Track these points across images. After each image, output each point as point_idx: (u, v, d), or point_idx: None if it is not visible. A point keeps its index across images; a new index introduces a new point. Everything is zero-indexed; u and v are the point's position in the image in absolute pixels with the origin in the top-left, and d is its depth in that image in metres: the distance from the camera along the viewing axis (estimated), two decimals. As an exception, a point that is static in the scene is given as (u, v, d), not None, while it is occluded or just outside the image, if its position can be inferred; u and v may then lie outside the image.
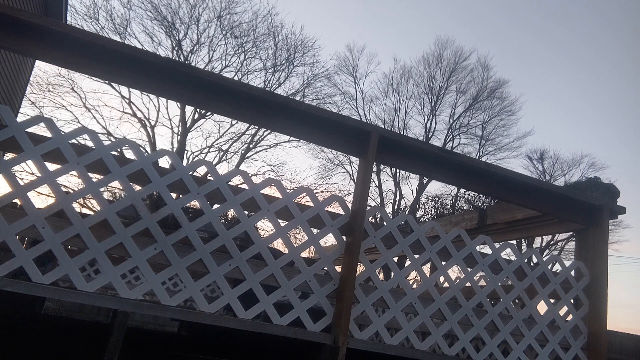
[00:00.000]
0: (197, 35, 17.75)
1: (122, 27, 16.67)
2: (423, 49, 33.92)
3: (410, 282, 4.14)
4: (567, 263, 2.84)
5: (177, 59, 17.07)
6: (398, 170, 21.70)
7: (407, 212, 21.42)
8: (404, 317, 2.42)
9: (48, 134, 2.05)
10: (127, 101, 16.87)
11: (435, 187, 23.60)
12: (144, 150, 15.38)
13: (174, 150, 16.85)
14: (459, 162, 2.71)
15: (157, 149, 4.04)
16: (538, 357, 2.58)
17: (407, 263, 2.63)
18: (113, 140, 12.27)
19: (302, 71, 24.59)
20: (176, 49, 17.60)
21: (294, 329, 2.16)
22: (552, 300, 2.75)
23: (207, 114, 17.45)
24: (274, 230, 2.31)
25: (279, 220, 2.34)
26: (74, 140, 2.17)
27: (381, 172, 22.36)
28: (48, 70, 15.90)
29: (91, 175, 2.09)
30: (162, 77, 2.23)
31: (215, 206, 2.34)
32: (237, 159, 18.57)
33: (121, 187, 2.14)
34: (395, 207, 22.31)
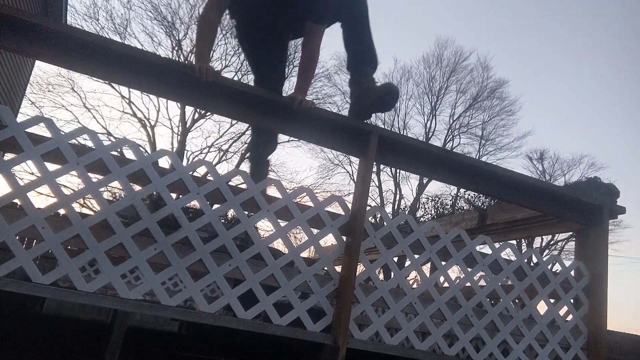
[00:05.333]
0: (197, 35, 17.72)
1: (122, 27, 16.70)
2: (423, 49, 33.98)
3: (410, 282, 4.14)
4: (567, 263, 2.84)
5: (177, 59, 17.06)
6: (398, 170, 21.71)
7: (407, 212, 21.41)
8: (404, 317, 2.42)
9: (48, 134, 2.05)
10: (127, 101, 16.89)
11: (435, 187, 23.63)
12: (143, 150, 15.39)
13: (174, 150, 16.84)
14: (459, 162, 2.71)
15: (157, 149, 4.05)
16: (538, 357, 2.58)
17: (407, 263, 2.63)
18: (113, 140, 12.26)
19: (302, 71, 24.51)
20: (176, 49, 17.61)
21: (294, 329, 2.16)
22: (552, 300, 2.75)
23: (207, 114, 17.45)
24: (274, 230, 2.31)
25: (279, 221, 2.34)
26: (74, 140, 2.17)
27: (381, 172, 22.37)
28: (48, 70, 15.94)
29: (91, 175, 2.09)
30: (162, 77, 2.23)
31: (215, 206, 2.34)
32: (237, 159, 18.58)
33: (121, 187, 2.14)
34: (395, 207, 22.32)
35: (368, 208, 2.43)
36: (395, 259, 2.60)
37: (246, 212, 2.31)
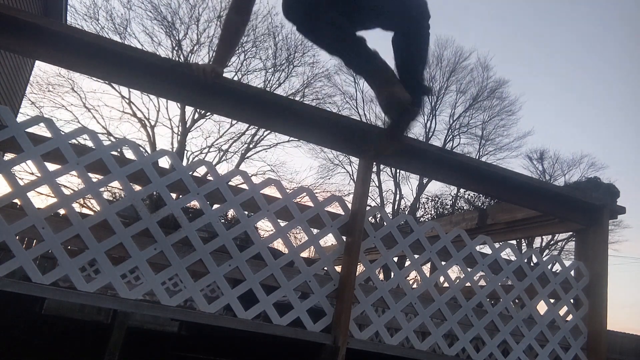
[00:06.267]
0: (197, 35, 17.76)
1: (122, 27, 16.69)
2: (423, 49, 33.84)
3: (410, 282, 4.14)
4: (567, 263, 2.84)
5: (177, 59, 17.06)
6: (398, 170, 21.70)
7: (407, 212, 21.41)
8: (404, 317, 2.42)
9: (48, 134, 2.05)
10: (127, 101, 16.89)
11: (435, 187, 23.61)
12: (144, 150, 15.39)
13: (174, 150, 16.84)
14: (459, 162, 2.71)
15: (157, 149, 4.05)
16: (538, 357, 2.58)
17: (407, 263, 2.63)
18: (113, 140, 12.26)
19: (302, 71, 24.60)
20: (176, 49, 17.60)
21: (293, 329, 2.16)
22: (552, 300, 2.75)
23: (207, 114, 17.45)
24: (274, 230, 2.31)
25: (278, 221, 2.34)
26: (74, 140, 2.17)
27: (381, 172, 22.36)
28: (48, 70, 15.92)
29: (91, 175, 2.09)
30: (162, 77, 2.23)
31: (215, 206, 2.34)
32: (237, 159, 18.58)
33: (121, 187, 2.14)
34: (395, 207, 22.31)
35: (368, 208, 2.43)
36: (395, 259, 2.60)
37: (246, 212, 2.31)
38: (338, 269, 2.37)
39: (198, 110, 17.06)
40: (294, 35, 20.13)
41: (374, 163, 2.49)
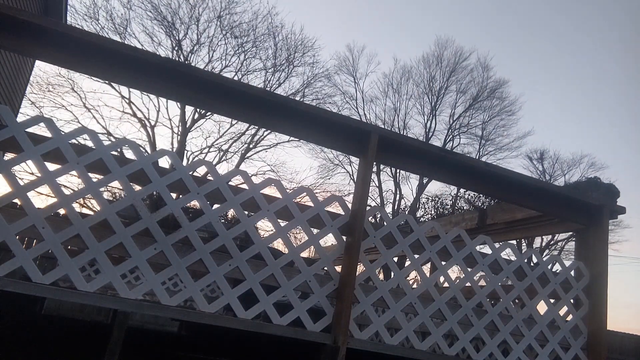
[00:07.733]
0: (197, 35, 17.76)
1: (122, 27, 16.69)
2: (423, 49, 33.87)
3: (410, 282, 4.14)
4: (567, 263, 2.84)
5: (177, 59, 17.05)
6: (398, 170, 21.69)
7: (407, 212, 21.41)
8: (404, 317, 2.42)
9: (48, 134, 2.06)
10: (127, 101, 16.88)
11: (435, 187, 23.57)
12: (144, 150, 15.39)
13: (174, 150, 16.83)
14: (459, 162, 2.71)
15: (157, 149, 4.05)
16: (538, 357, 2.59)
17: (407, 263, 2.63)
18: (113, 140, 12.25)
19: (302, 71, 24.47)
20: (176, 49, 17.61)
21: (294, 329, 2.16)
22: (552, 300, 2.75)
23: (207, 114, 17.45)
24: (274, 230, 2.31)
25: (279, 220, 2.34)
26: (74, 140, 2.17)
27: (381, 172, 22.36)
28: (48, 70, 15.91)
29: (91, 175, 2.09)
30: (162, 77, 2.23)
31: (215, 206, 2.34)
32: (237, 159, 18.59)
33: (121, 187, 2.14)
34: (395, 207, 22.31)
35: (368, 208, 2.43)
36: (395, 259, 2.60)
37: (246, 212, 2.31)
38: (338, 268, 2.37)
39: (198, 110, 17.07)
40: (293, 35, 20.16)
41: (374, 163, 2.49)
